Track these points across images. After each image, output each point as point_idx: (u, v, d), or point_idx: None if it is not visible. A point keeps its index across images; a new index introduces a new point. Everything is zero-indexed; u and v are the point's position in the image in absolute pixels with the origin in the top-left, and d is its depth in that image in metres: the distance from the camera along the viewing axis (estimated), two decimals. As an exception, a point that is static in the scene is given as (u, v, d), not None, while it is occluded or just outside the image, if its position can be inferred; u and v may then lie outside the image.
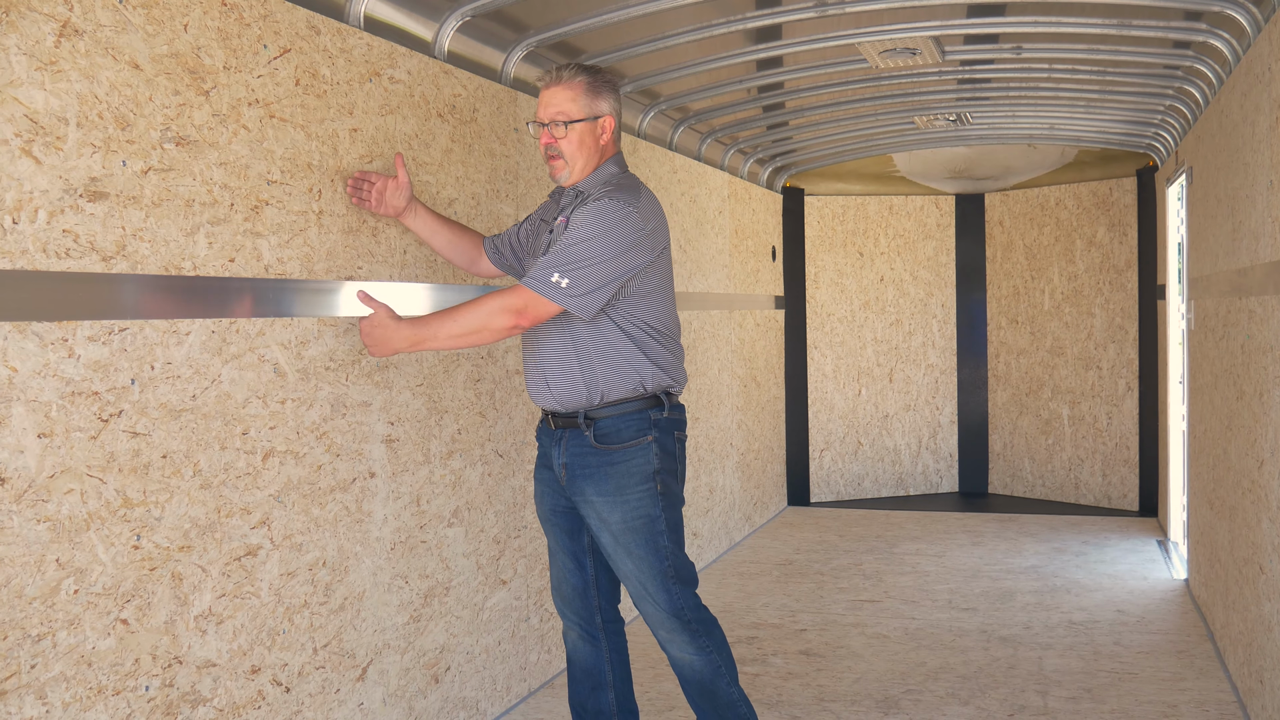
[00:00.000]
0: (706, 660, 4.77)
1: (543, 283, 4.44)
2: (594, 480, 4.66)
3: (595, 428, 4.66)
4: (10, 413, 3.26)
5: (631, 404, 4.68)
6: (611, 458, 4.65)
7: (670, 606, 4.71)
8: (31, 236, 3.33)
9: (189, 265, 3.92)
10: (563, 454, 4.73)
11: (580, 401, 4.66)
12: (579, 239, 4.45)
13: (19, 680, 3.30)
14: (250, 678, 4.22)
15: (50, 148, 3.40)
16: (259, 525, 4.26)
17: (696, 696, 4.83)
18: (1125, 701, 6.12)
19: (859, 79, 8.31)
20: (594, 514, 4.70)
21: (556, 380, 4.68)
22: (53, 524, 3.40)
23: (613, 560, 4.74)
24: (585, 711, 5.04)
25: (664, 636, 4.78)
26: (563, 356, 4.66)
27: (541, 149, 4.74)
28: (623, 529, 4.66)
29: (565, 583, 4.99)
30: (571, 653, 5.05)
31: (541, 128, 4.70)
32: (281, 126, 4.40)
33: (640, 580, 4.70)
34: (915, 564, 9.40)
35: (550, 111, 4.67)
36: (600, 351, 4.64)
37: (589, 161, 4.73)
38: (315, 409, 4.58)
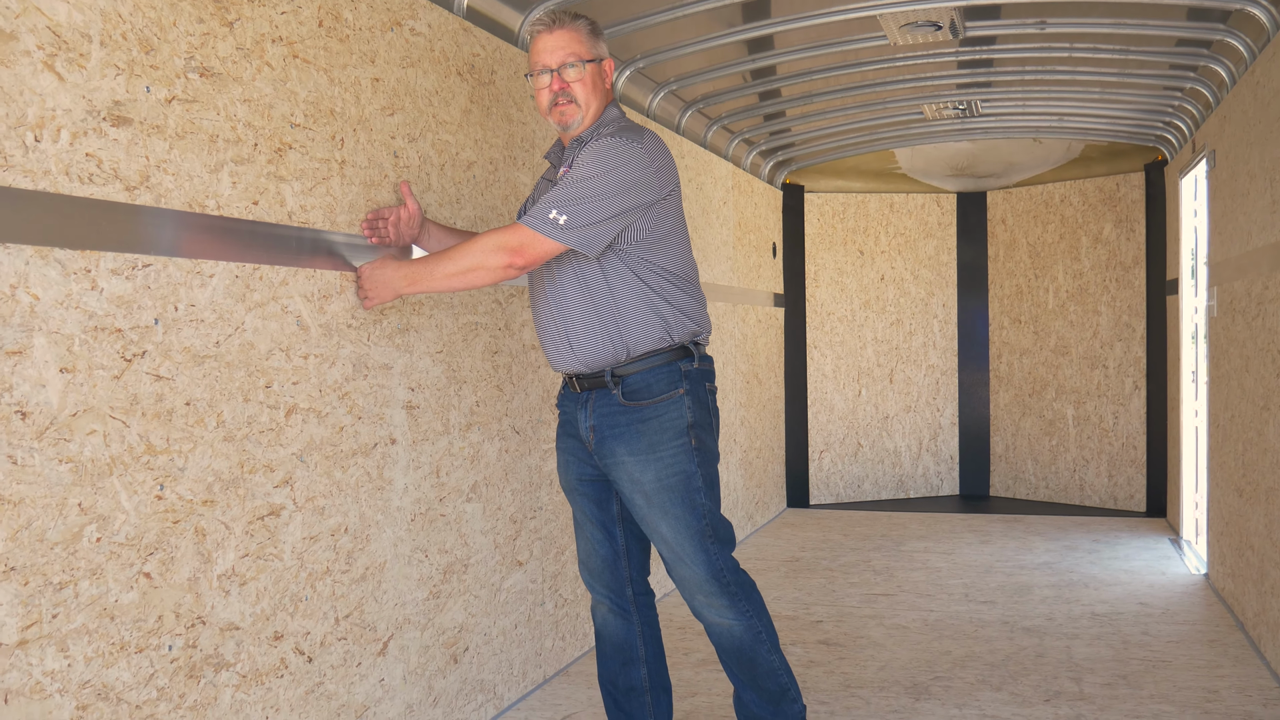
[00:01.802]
0: (746, 625, 4.56)
1: (540, 219, 4.24)
2: (624, 439, 4.46)
3: (624, 385, 4.46)
4: (32, 343, 3.06)
5: (660, 356, 4.47)
6: (642, 414, 4.45)
7: (709, 568, 4.50)
8: (54, 157, 3.14)
9: (213, 204, 3.73)
10: (590, 416, 4.52)
11: (606, 359, 4.45)
12: (579, 177, 4.27)
13: (40, 630, 3.09)
14: (273, 644, 4.02)
15: (73, 64, 3.21)
16: (282, 484, 4.07)
17: (734, 665, 4.63)
18: (1163, 687, 5.95)
19: (870, 60, 8.14)
20: (625, 475, 4.48)
21: (580, 339, 4.46)
22: (75, 465, 3.20)
23: (646, 523, 4.52)
24: (616, 689, 4.83)
25: (701, 601, 4.56)
26: (584, 313, 4.44)
27: (548, 97, 4.49)
28: (657, 488, 4.44)
29: (594, 555, 4.76)
30: (601, 628, 4.83)
31: (550, 74, 4.47)
32: (305, 68, 4.22)
33: (677, 542, 4.48)
34: (925, 560, 9.22)
35: (560, 55, 4.44)
36: (622, 303, 4.44)
37: (599, 106, 4.53)
38: (337, 367, 4.39)
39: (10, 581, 3.00)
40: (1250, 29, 6.62)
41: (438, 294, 5.07)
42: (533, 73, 4.51)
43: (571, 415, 4.65)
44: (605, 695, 4.87)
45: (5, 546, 2.98)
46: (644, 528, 4.55)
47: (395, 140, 4.80)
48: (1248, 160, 6.69)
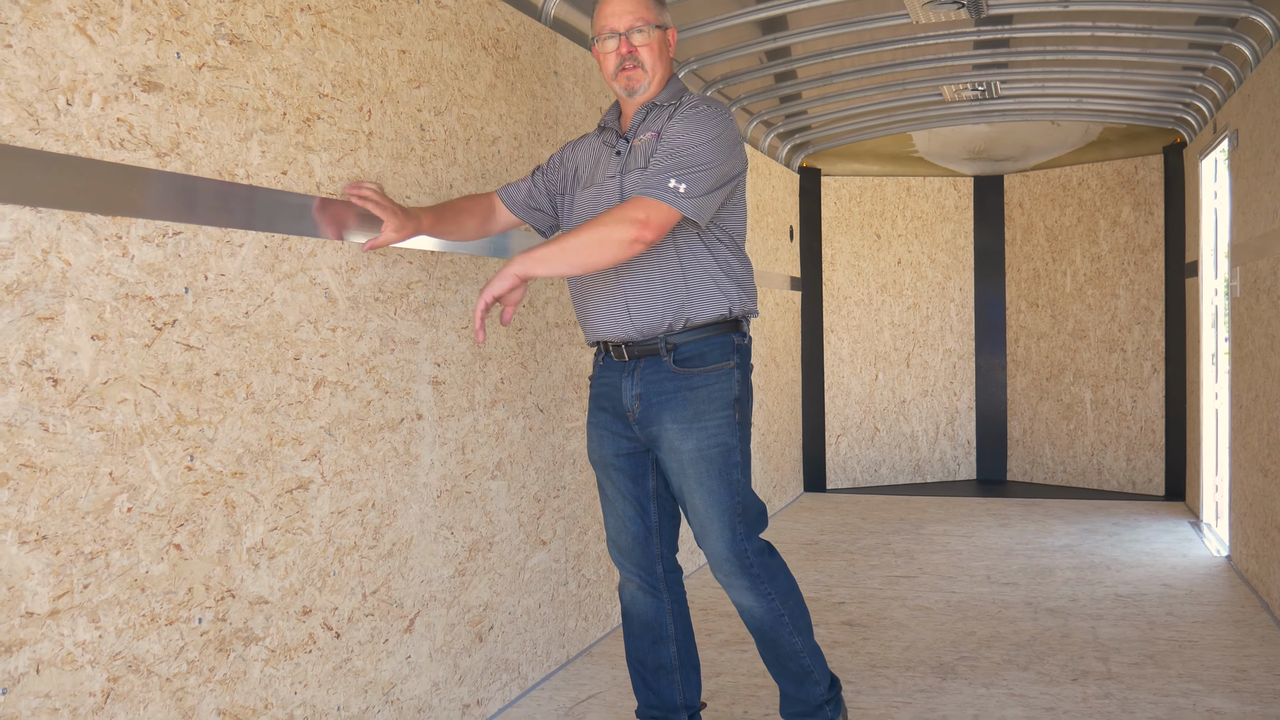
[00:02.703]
0: (767, 607, 4.52)
1: (661, 189, 4.14)
2: (670, 406, 4.40)
3: (676, 353, 4.40)
4: (64, 309, 3.03)
5: (715, 327, 4.43)
6: (691, 382, 4.40)
7: (733, 546, 4.45)
8: (85, 121, 3.10)
9: (242, 173, 3.69)
10: (636, 384, 4.46)
11: (662, 327, 4.39)
12: (687, 144, 4.19)
13: (71, 600, 3.06)
14: (302, 619, 3.99)
15: (105, 28, 3.17)
16: (310, 457, 4.03)
17: (760, 644, 4.61)
18: (1191, 666, 5.91)
19: (889, 40, 8.09)
20: (666, 443, 4.43)
21: (641, 305, 4.39)
22: (106, 434, 3.16)
23: (680, 492, 4.48)
24: (644, 667, 4.78)
25: (723, 580, 4.53)
26: (648, 281, 4.38)
27: (614, 61, 4.43)
28: (696, 457, 4.39)
29: (625, 532, 4.70)
30: (630, 606, 4.77)
31: (618, 38, 4.41)
32: (333, 38, 4.18)
33: (706, 515, 4.43)
34: (945, 543, 9.18)
35: (628, 19, 4.38)
36: (690, 272, 4.39)
37: (665, 73, 4.49)
38: (365, 341, 4.35)
39: (42, 550, 2.97)
40: (1276, 7, 6.57)
41: (461, 272, 5.04)
42: (598, 37, 4.45)
43: (613, 385, 4.56)
44: (633, 674, 4.82)
45: (37, 515, 2.95)
46: (679, 496, 4.51)
47: (422, 113, 4.77)
48: (1273, 138, 6.64)
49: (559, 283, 5.94)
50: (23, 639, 2.91)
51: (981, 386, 12.48)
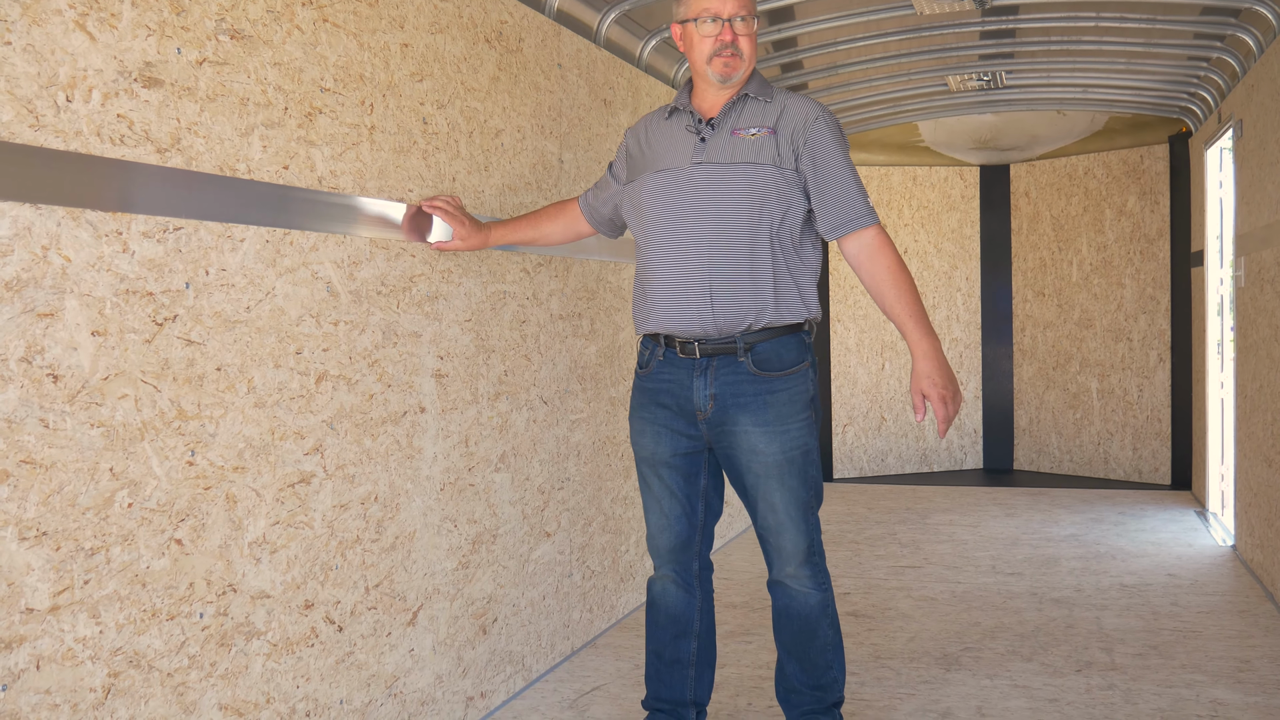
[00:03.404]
0: (821, 598, 4.59)
1: (871, 214, 4.47)
2: (750, 410, 4.42)
3: (753, 353, 4.42)
4: (64, 305, 3.04)
5: (788, 327, 4.47)
6: (772, 385, 4.42)
7: (809, 539, 4.52)
8: (85, 117, 3.11)
9: (243, 167, 3.70)
10: (710, 384, 4.45)
11: (742, 325, 4.41)
12: (843, 157, 4.44)
13: (72, 595, 3.07)
14: (304, 613, 4.00)
15: (105, 24, 3.18)
16: (312, 451, 4.04)
17: (793, 635, 4.61)
18: (1195, 657, 5.91)
19: (894, 31, 8.09)
20: (745, 445, 4.45)
21: (727, 301, 4.39)
22: (106, 430, 3.17)
23: (756, 491, 4.49)
24: (661, 660, 4.76)
25: (790, 571, 4.55)
26: (736, 276, 4.39)
27: (712, 46, 4.42)
28: (780, 460, 4.43)
29: (668, 530, 4.69)
30: (659, 598, 4.76)
31: (721, 23, 4.40)
32: (334, 32, 4.18)
33: (786, 513, 4.47)
34: (951, 533, 9.19)
35: (734, 6, 4.39)
36: (779, 271, 4.44)
37: (753, 63, 4.52)
38: (367, 334, 4.36)
39: (42, 546, 2.98)
40: (1281, -4, 6.58)
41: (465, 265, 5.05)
42: (697, 19, 4.44)
43: (679, 383, 4.53)
44: (650, 664, 4.82)
45: (37, 511, 2.96)
46: (754, 495, 4.52)
47: (424, 106, 4.77)
48: (1277, 129, 6.64)
49: (562, 274, 5.94)
50: (23, 635, 2.92)
51: (988, 376, 12.49)
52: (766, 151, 4.39)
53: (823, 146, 4.40)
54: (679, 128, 4.57)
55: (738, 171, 4.39)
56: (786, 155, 4.40)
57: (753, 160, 4.38)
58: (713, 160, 4.43)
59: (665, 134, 4.61)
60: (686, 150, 4.50)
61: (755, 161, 4.38)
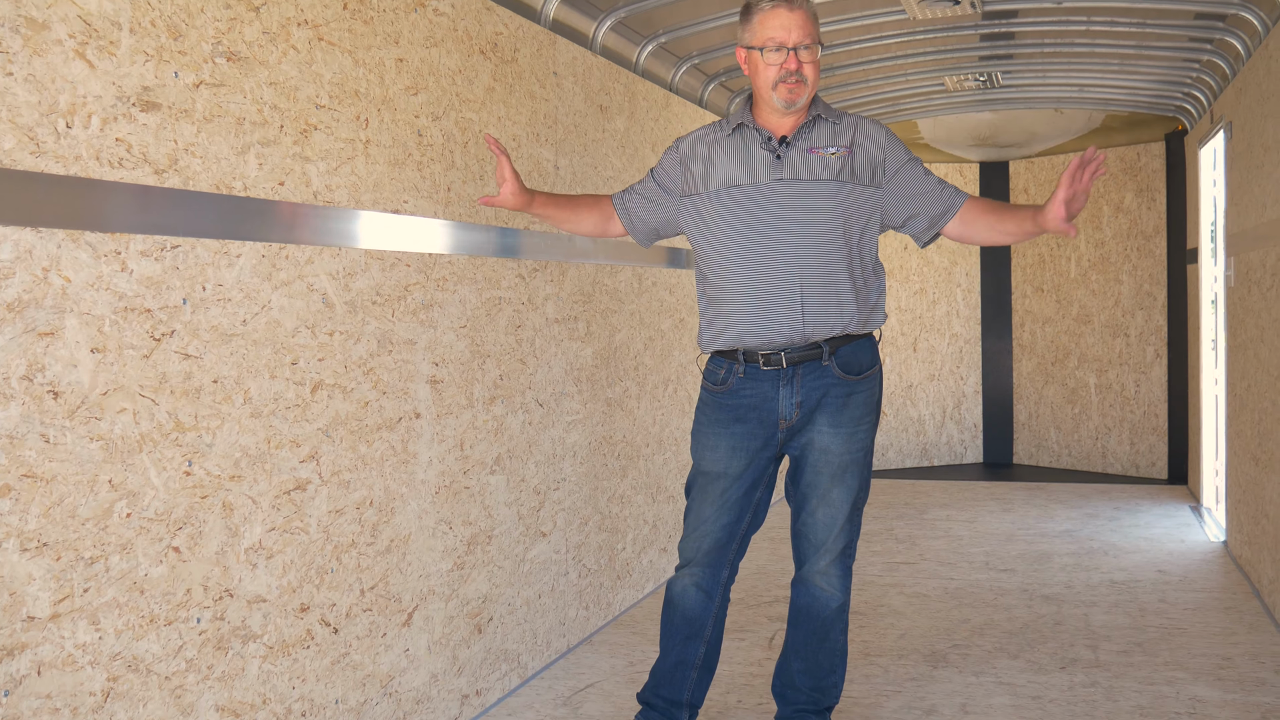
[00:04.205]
0: (843, 601, 4.74)
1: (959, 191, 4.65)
2: (829, 411, 4.60)
3: (837, 356, 4.58)
4: (64, 324, 3.15)
5: (865, 334, 4.68)
6: (852, 388, 4.61)
7: (849, 538, 4.71)
8: (85, 142, 3.22)
9: (239, 185, 3.81)
10: (797, 392, 4.58)
11: (831, 331, 4.57)
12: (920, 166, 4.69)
13: (72, 603, 3.19)
14: (299, 615, 4.11)
15: (104, 52, 3.29)
16: (308, 459, 4.15)
17: (808, 633, 4.75)
18: (1178, 654, 6.02)
19: (891, 33, 8.19)
20: (817, 446, 4.62)
21: (817, 311, 4.54)
22: (105, 443, 3.29)
23: (817, 491, 4.65)
24: (666, 659, 4.88)
25: (822, 568, 4.70)
26: (826, 286, 4.54)
27: (777, 73, 4.52)
28: (846, 460, 4.61)
29: (709, 536, 4.76)
30: (679, 598, 4.83)
31: (786, 52, 4.50)
32: (330, 50, 4.29)
33: (841, 510, 4.64)
34: (947, 529, 9.30)
35: (799, 35, 4.49)
36: (869, 278, 4.67)
37: (816, 89, 4.65)
38: (362, 344, 4.47)
39: (43, 556, 3.09)
40: (1264, 4, 6.65)
41: (459, 273, 5.15)
42: (763, 47, 4.54)
43: (764, 395, 4.63)
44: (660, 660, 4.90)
45: (38, 523, 3.07)
46: (812, 492, 4.66)
47: (419, 119, 4.88)
48: (1263, 133, 6.73)
49: (558, 278, 6.05)
50: (24, 642, 3.04)
51: (988, 371, 12.59)
52: (846, 170, 4.56)
53: (901, 161, 4.64)
54: (750, 144, 4.67)
55: (823, 188, 4.54)
56: (864, 174, 4.58)
57: (834, 178, 4.54)
58: (795, 176, 4.57)
59: (733, 150, 4.70)
60: (763, 167, 4.61)
61: (837, 179, 4.55)
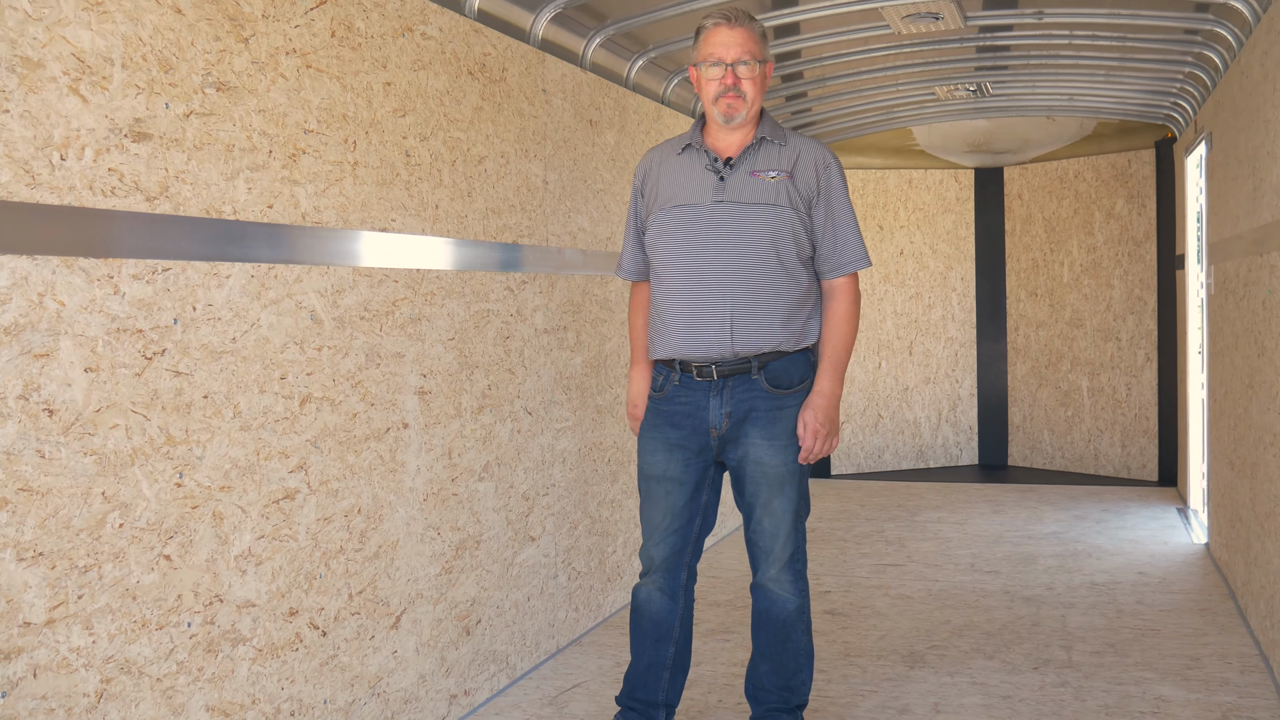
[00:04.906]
0: (801, 603, 4.91)
1: (862, 258, 4.87)
2: (760, 424, 4.75)
3: (767, 371, 4.75)
4: (58, 346, 3.33)
5: (797, 350, 4.83)
6: (783, 402, 4.77)
7: (795, 546, 4.86)
8: (79, 174, 3.39)
9: (229, 209, 3.98)
10: (726, 403, 4.76)
11: (760, 348, 4.74)
12: (846, 203, 4.87)
13: (66, 610, 3.36)
14: (288, 619, 4.28)
15: (96, 87, 3.46)
16: (296, 469, 4.32)
17: (768, 637, 4.92)
18: (1149, 655, 6.18)
19: (880, 46, 8.33)
20: (752, 458, 4.78)
21: (747, 329, 4.72)
22: (99, 457, 3.46)
23: (758, 501, 4.82)
24: (640, 663, 5.05)
25: (773, 575, 4.88)
26: (757, 306, 4.73)
27: (717, 89, 4.73)
28: (783, 472, 4.77)
29: (663, 543, 4.96)
30: (644, 604, 5.02)
31: (724, 68, 4.71)
32: (318, 77, 4.46)
33: (783, 520, 4.81)
34: (937, 531, 9.46)
35: (736, 51, 4.70)
36: (804, 298, 4.83)
37: (758, 105, 4.81)
38: (350, 358, 4.64)
39: (39, 565, 3.27)
40: (1236, 19, 6.80)
41: (448, 287, 5.31)
42: (704, 63, 4.77)
43: (696, 404, 4.83)
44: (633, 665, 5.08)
45: (34, 533, 3.25)
46: (754, 503, 4.84)
47: (407, 140, 5.04)
48: (1237, 146, 6.89)
49: (546, 290, 6.21)
50: (20, 647, 3.22)
51: (983, 374, 12.73)
52: (784, 194, 4.73)
53: (834, 193, 4.82)
54: (696, 165, 4.87)
55: (759, 211, 4.73)
56: (801, 199, 4.76)
57: (772, 202, 4.72)
58: (734, 199, 4.75)
59: (681, 169, 4.90)
60: (707, 188, 4.80)
61: (774, 203, 4.73)
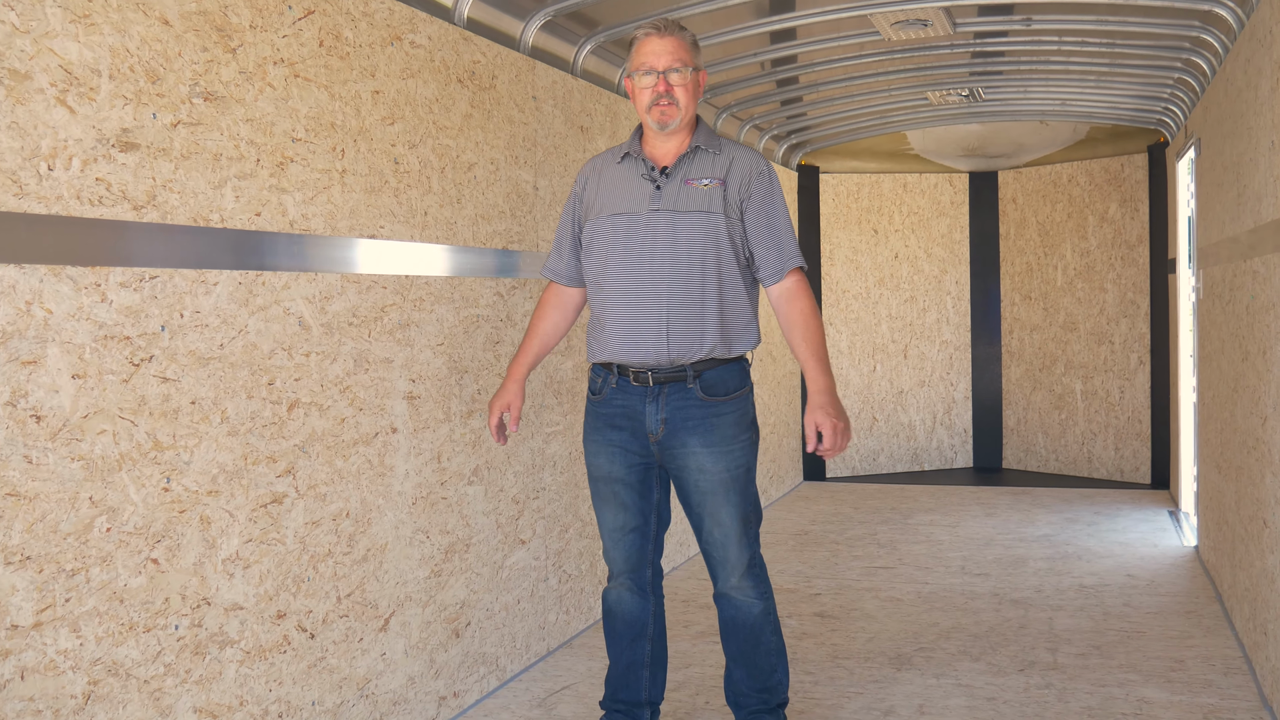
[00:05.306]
0: (765, 606, 4.96)
1: (798, 258, 4.90)
2: (699, 432, 4.79)
3: (701, 380, 4.79)
4: (46, 353, 3.38)
5: (733, 358, 4.88)
6: (718, 409, 4.80)
7: (750, 551, 4.91)
8: (66, 183, 3.44)
9: (216, 217, 4.03)
10: (661, 409, 4.81)
11: (695, 355, 4.78)
12: (781, 210, 4.90)
13: (54, 613, 3.41)
14: (276, 622, 4.34)
15: (84, 98, 3.51)
16: (284, 474, 4.37)
17: (738, 643, 4.97)
18: (1133, 657, 6.22)
19: (872, 53, 8.39)
20: (694, 464, 4.82)
21: (681, 336, 4.76)
22: (86, 463, 3.51)
23: (705, 509, 4.87)
24: (619, 665, 5.11)
25: (734, 583, 4.93)
26: (691, 313, 4.76)
27: (649, 97, 4.78)
28: (725, 478, 4.80)
29: (621, 543, 5.03)
30: (615, 606, 5.10)
31: (656, 76, 4.76)
32: (306, 86, 4.51)
33: (730, 527, 4.85)
34: (929, 533, 9.51)
35: (667, 59, 4.75)
36: (739, 305, 4.87)
37: (693, 114, 4.86)
38: (339, 363, 4.69)
39: (26, 569, 3.32)
40: (1221, 25, 6.85)
41: (437, 293, 5.36)
42: (636, 72, 4.83)
43: (632, 409, 4.87)
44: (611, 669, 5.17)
45: (21, 538, 3.31)
46: (700, 511, 4.89)
47: (395, 148, 5.09)
48: (1222, 152, 6.94)
49: (537, 295, 6.25)
50: (8, 649, 3.27)
51: (977, 377, 12.78)
52: (717, 201, 4.78)
53: (768, 200, 4.86)
54: (633, 174, 4.92)
55: (692, 219, 4.77)
56: (733, 205, 4.81)
57: (705, 209, 4.77)
58: (668, 208, 4.79)
59: (619, 178, 4.95)
60: (643, 197, 4.85)
61: (708, 211, 4.77)
